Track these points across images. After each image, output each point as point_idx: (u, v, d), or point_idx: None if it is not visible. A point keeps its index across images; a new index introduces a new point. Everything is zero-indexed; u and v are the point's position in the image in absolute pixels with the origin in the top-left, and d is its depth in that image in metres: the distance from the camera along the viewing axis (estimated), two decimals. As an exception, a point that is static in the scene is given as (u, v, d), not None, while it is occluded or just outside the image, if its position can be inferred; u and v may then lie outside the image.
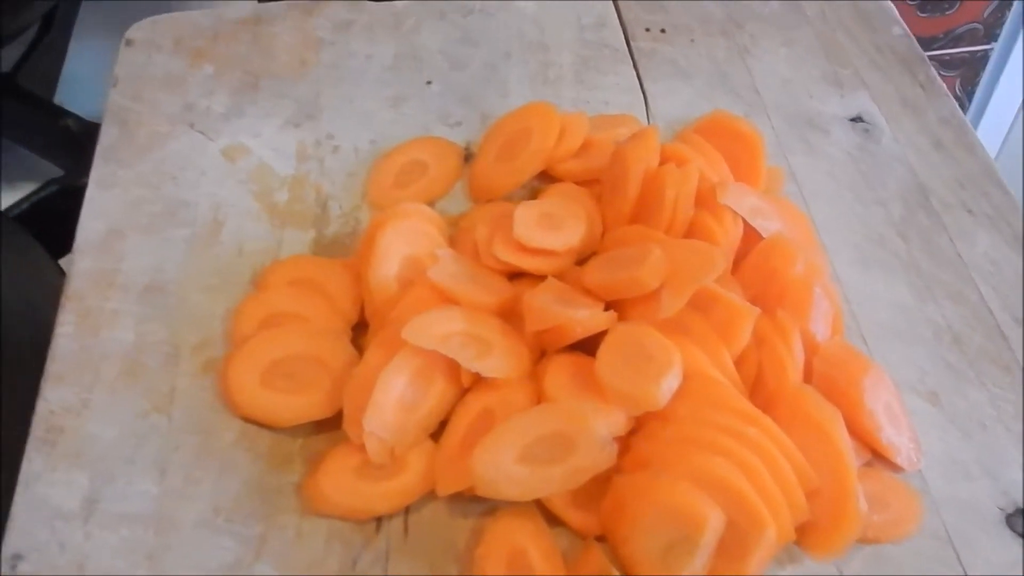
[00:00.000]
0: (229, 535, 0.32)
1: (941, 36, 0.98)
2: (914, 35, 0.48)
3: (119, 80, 0.47)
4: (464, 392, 0.33)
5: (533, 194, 0.41)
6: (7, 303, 0.41)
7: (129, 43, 0.49)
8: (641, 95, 0.46)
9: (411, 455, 0.32)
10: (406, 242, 0.37)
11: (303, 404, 0.34)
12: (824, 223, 0.40)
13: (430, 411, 0.33)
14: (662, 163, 0.37)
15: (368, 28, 0.49)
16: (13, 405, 0.37)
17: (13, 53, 0.58)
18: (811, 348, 0.33)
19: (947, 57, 1.01)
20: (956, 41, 0.98)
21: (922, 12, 0.96)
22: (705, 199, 0.36)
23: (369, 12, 0.50)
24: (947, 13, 0.96)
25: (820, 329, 0.33)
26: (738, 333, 0.32)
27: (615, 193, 0.38)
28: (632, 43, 0.48)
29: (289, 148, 0.44)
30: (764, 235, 0.36)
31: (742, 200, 0.36)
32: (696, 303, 0.33)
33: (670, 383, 0.30)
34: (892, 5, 0.49)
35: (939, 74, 0.46)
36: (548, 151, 0.40)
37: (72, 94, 0.62)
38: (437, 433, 0.33)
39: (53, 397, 0.35)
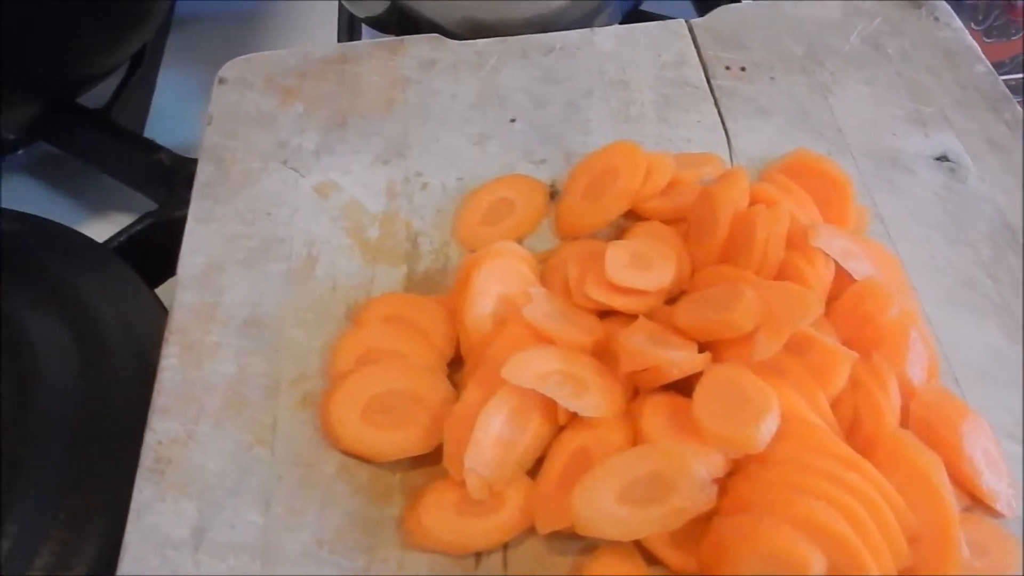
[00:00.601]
0: (333, 566, 0.32)
1: (1007, 61, 0.97)
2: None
3: (214, 118, 0.48)
4: (559, 430, 0.34)
5: (619, 232, 0.42)
6: (111, 332, 0.42)
7: (222, 81, 0.51)
8: (723, 133, 0.46)
9: (509, 491, 0.33)
10: (500, 281, 0.37)
11: (403, 439, 0.35)
12: (912, 264, 0.40)
13: (527, 448, 0.34)
14: (751, 204, 0.38)
15: (452, 67, 0.50)
16: (120, 431, 0.39)
17: (106, 89, 0.60)
18: (907, 393, 0.33)
19: (1013, 83, 1.00)
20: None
21: (988, 38, 0.96)
22: (795, 241, 0.37)
23: (452, 51, 0.51)
24: (1013, 39, 0.96)
25: (916, 373, 0.34)
26: (834, 377, 0.33)
27: (703, 233, 0.39)
28: (712, 81, 0.49)
29: (379, 185, 0.45)
30: (856, 277, 0.36)
31: (833, 242, 0.36)
32: (790, 346, 0.33)
33: (769, 426, 0.31)
34: (975, 43, 0.49)
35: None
36: (635, 190, 0.41)
37: (157, 126, 0.65)
38: (532, 470, 0.34)
39: (160, 428, 0.36)
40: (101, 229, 0.59)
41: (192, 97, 0.68)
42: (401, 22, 0.57)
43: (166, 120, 0.65)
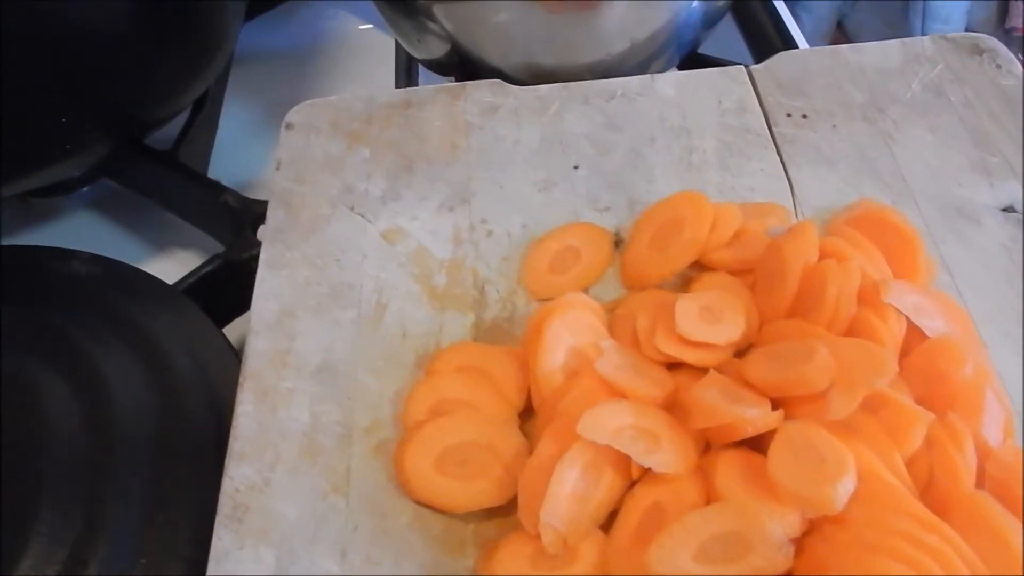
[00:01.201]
0: (409, 618, 0.33)
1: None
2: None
3: (282, 163, 0.50)
4: (632, 484, 0.34)
5: (685, 281, 0.42)
6: (185, 375, 0.43)
7: (289, 126, 0.52)
8: (786, 181, 0.46)
9: (583, 546, 0.33)
10: (570, 333, 0.38)
11: (477, 491, 0.35)
12: (981, 317, 0.40)
13: (600, 502, 0.34)
14: (820, 258, 0.38)
15: (514, 112, 0.51)
16: (196, 474, 0.40)
17: (169, 130, 0.62)
18: (983, 453, 0.33)
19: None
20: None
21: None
22: (865, 296, 0.37)
23: (514, 96, 0.52)
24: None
25: (992, 433, 0.34)
26: (910, 436, 0.33)
27: (772, 286, 0.39)
28: (774, 128, 0.49)
29: (445, 232, 0.46)
30: (928, 334, 0.36)
31: (905, 298, 0.36)
32: (864, 403, 0.33)
33: (846, 486, 0.31)
34: (1039, 91, 0.49)
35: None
36: (701, 242, 0.41)
37: (216, 164, 0.66)
38: (605, 524, 0.34)
39: (237, 475, 0.37)
40: (164, 266, 0.60)
41: (250, 135, 0.70)
42: (461, 65, 0.58)
43: (225, 158, 0.66)
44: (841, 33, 0.89)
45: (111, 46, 0.51)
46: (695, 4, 0.53)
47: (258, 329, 0.42)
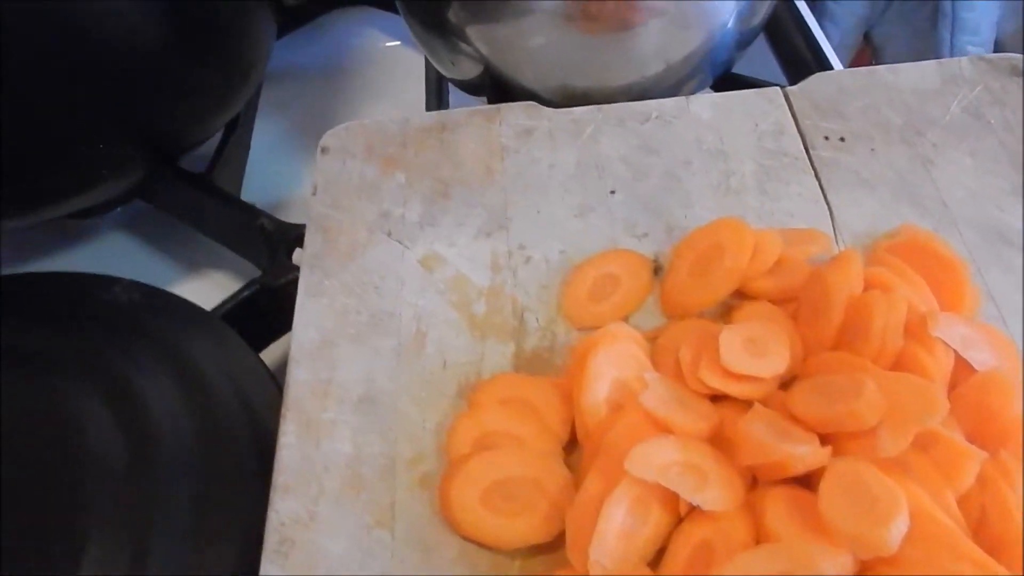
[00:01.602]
0: (458, 656, 0.33)
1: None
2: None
3: (318, 188, 0.50)
4: (679, 521, 0.34)
5: (726, 309, 0.42)
6: (227, 402, 0.43)
7: (324, 150, 0.52)
8: (825, 206, 0.46)
9: (631, 584, 0.33)
10: (614, 365, 0.38)
11: (523, 527, 0.35)
12: (1027, 346, 0.40)
13: (648, 540, 0.34)
14: (865, 288, 0.38)
15: (549, 135, 0.51)
16: (239, 503, 0.40)
17: (202, 152, 0.62)
18: (1037, 491, 0.33)
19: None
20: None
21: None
22: (912, 328, 0.36)
23: (548, 118, 0.52)
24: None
25: (1045, 471, 0.33)
26: (962, 475, 0.32)
27: (816, 317, 0.39)
28: (811, 151, 0.49)
29: (483, 258, 0.46)
30: (976, 367, 0.36)
31: (953, 330, 0.36)
32: (914, 440, 0.33)
33: (900, 526, 0.30)
34: (1081, 113, 0.48)
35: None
36: (742, 270, 0.41)
37: (246, 183, 0.66)
38: (653, 561, 0.34)
39: (283, 508, 0.37)
40: (196, 286, 0.61)
41: (280, 154, 0.70)
42: (493, 86, 0.58)
43: (256, 178, 0.66)
44: (868, 45, 0.89)
45: (146, 70, 0.51)
46: (729, 26, 0.53)
47: (299, 358, 0.42)
